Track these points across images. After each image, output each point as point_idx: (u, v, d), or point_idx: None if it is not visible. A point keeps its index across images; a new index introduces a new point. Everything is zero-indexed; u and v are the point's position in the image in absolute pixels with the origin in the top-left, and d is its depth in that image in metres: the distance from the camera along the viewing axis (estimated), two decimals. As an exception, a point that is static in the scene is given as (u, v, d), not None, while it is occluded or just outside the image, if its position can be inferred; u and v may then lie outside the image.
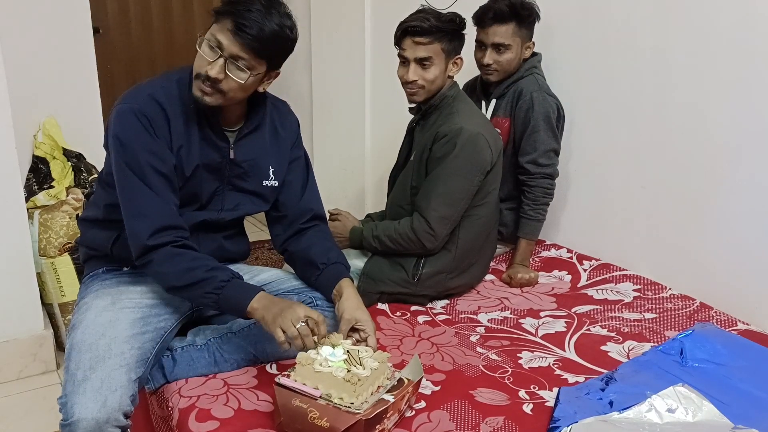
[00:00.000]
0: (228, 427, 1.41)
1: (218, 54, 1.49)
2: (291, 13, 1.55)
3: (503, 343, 1.81)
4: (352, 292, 1.65)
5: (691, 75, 1.98)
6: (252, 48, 1.48)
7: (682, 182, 2.05)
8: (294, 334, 1.42)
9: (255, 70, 1.52)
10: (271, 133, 1.72)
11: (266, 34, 1.47)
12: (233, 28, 1.47)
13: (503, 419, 1.46)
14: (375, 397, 1.35)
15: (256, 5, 1.47)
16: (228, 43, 1.48)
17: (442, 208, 1.94)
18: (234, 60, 1.49)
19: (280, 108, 1.78)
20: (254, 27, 1.46)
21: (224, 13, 1.49)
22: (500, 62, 2.21)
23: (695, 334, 1.74)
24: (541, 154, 2.20)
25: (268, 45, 1.49)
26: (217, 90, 1.52)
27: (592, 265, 2.24)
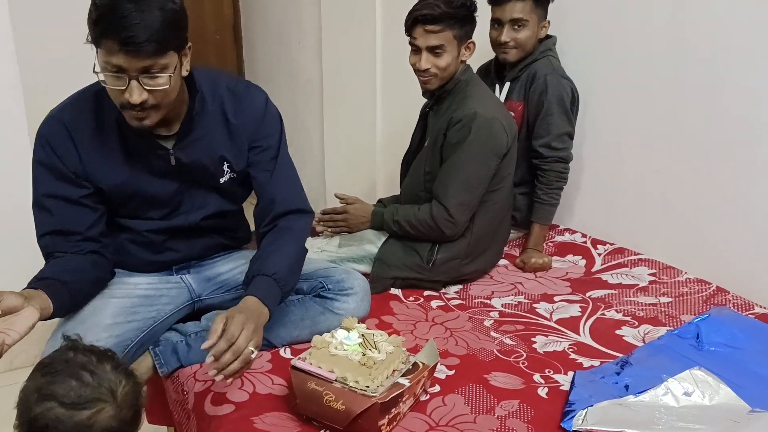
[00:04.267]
0: (243, 410, 1.42)
1: (125, 78, 1.34)
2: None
3: (517, 328, 1.80)
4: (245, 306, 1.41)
5: (707, 56, 1.95)
6: (152, 51, 1.32)
7: (698, 165, 2.03)
8: None
9: (169, 66, 1.37)
10: (220, 124, 1.58)
11: (155, 29, 1.30)
12: (120, 46, 1.29)
13: (518, 403, 1.46)
14: (390, 380, 1.35)
15: (124, 6, 1.29)
16: (127, 63, 1.31)
17: (460, 194, 1.93)
18: (144, 73, 1.34)
19: (237, 93, 1.61)
20: (139, 31, 1.29)
21: (101, 35, 1.30)
22: (518, 39, 2.18)
23: (711, 318, 1.73)
24: (555, 138, 2.18)
25: (164, 35, 1.32)
26: (149, 109, 1.39)
27: (606, 250, 2.23)
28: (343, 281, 1.72)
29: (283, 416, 1.40)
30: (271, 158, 1.64)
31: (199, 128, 1.55)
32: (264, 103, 1.64)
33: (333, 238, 2.16)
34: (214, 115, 1.57)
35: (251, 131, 1.61)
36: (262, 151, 1.63)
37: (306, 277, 1.73)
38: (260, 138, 1.63)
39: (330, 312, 1.67)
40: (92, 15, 1.31)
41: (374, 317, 1.81)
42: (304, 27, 3.53)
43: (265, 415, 1.40)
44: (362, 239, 2.09)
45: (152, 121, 1.42)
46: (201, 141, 1.56)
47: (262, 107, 1.64)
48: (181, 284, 1.72)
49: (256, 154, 1.63)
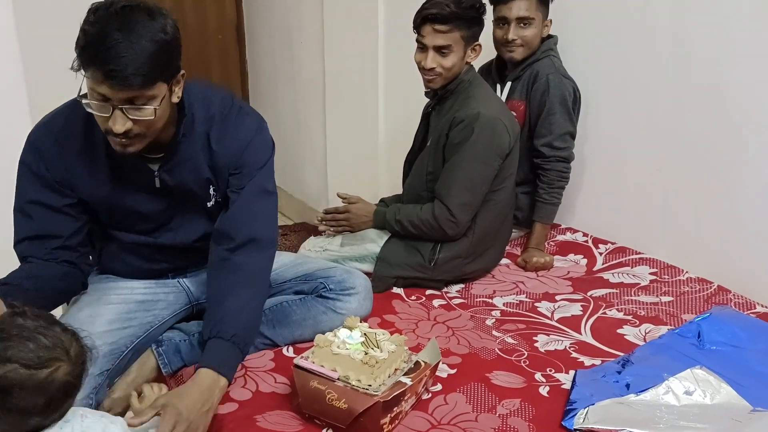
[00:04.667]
0: (246, 408, 1.43)
1: (110, 106, 1.30)
2: (153, 6, 1.33)
3: (519, 327, 1.81)
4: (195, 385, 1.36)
5: (709, 56, 1.95)
6: (138, 84, 1.27)
7: (699, 165, 2.03)
8: None
9: (156, 97, 1.32)
10: (204, 148, 1.52)
11: (142, 61, 1.25)
12: (104, 78, 1.25)
13: (519, 402, 1.47)
14: (392, 379, 1.36)
15: (113, 36, 1.24)
16: (111, 93, 1.27)
17: (463, 194, 1.93)
18: (129, 103, 1.30)
19: (226, 119, 1.53)
20: (125, 64, 1.24)
21: (87, 63, 1.27)
22: (525, 37, 2.18)
23: (713, 317, 1.73)
24: (557, 137, 2.18)
25: (151, 68, 1.28)
26: (134, 137, 1.35)
27: (608, 249, 2.23)
28: (345, 281, 1.72)
29: (285, 415, 1.41)
30: (242, 186, 1.54)
31: (184, 151, 1.50)
32: (252, 133, 1.55)
33: (335, 237, 2.17)
34: (200, 139, 1.51)
35: (232, 160, 1.53)
36: (238, 177, 1.54)
37: (306, 277, 1.74)
38: (240, 167, 1.54)
39: (332, 311, 1.68)
40: (80, 41, 1.27)
41: (376, 316, 1.82)
42: (307, 26, 3.53)
43: (268, 413, 1.41)
44: (364, 238, 2.09)
45: (137, 148, 1.38)
46: (186, 164, 1.51)
47: (248, 138, 1.54)
48: (178, 288, 1.71)
49: (233, 180, 1.55)
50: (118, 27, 1.25)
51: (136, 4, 1.30)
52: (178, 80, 1.39)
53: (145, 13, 1.30)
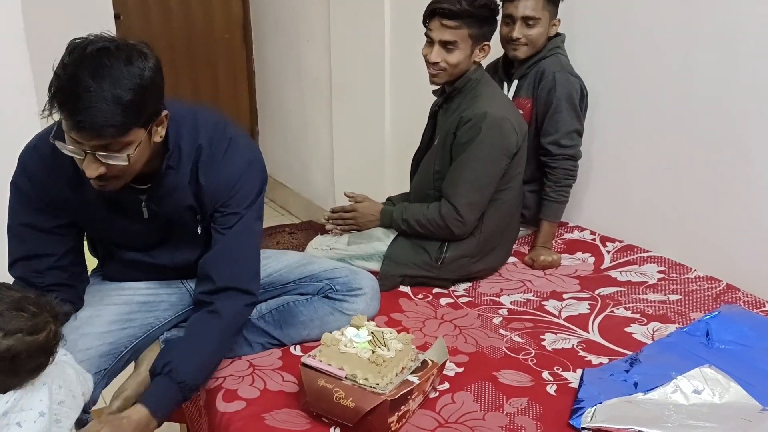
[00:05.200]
0: (254, 407, 1.43)
1: (82, 151, 1.24)
2: (132, 47, 1.24)
3: (526, 325, 1.80)
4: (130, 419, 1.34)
5: (716, 54, 1.94)
6: (110, 134, 1.21)
7: (707, 162, 2.02)
8: None
9: (132, 143, 1.26)
10: (191, 182, 1.47)
11: (114, 111, 1.19)
12: (73, 127, 1.20)
13: (527, 400, 1.47)
14: (399, 378, 1.36)
15: (84, 83, 1.17)
16: (82, 139, 1.22)
17: (470, 194, 1.93)
18: (102, 149, 1.24)
19: (214, 152, 1.46)
20: (94, 116, 1.18)
21: (57, 109, 1.21)
22: (529, 36, 2.17)
23: (721, 316, 1.73)
24: (564, 135, 2.18)
25: (125, 118, 1.21)
26: (110, 180, 1.30)
27: (615, 247, 2.22)
28: (351, 282, 1.71)
29: (293, 413, 1.42)
30: (227, 226, 1.48)
31: (170, 183, 1.45)
32: (241, 170, 1.48)
33: (342, 235, 2.17)
34: (187, 172, 1.45)
35: (218, 197, 1.47)
36: (224, 216, 1.49)
37: (311, 278, 1.72)
38: (226, 205, 1.48)
39: (339, 312, 1.67)
40: (51, 85, 1.21)
41: (383, 315, 1.82)
42: (313, 25, 3.54)
43: (276, 411, 1.42)
44: (371, 237, 2.09)
45: (114, 188, 1.33)
46: (173, 196, 1.46)
47: (236, 175, 1.47)
48: (182, 289, 1.70)
49: (218, 218, 1.50)
50: (90, 74, 1.18)
51: (115, 46, 1.23)
52: (161, 121, 1.33)
53: (122, 57, 1.21)
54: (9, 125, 2.22)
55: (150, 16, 3.88)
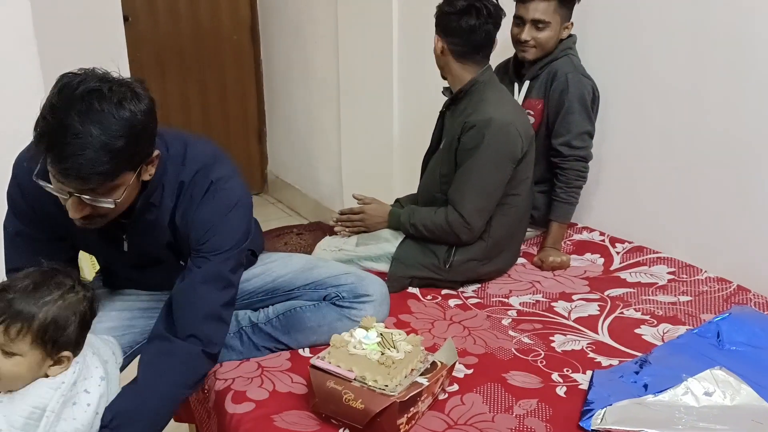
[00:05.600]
0: (263, 408, 1.44)
1: (67, 192, 1.20)
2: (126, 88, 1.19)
3: (535, 327, 1.80)
4: None
5: (728, 54, 1.93)
6: (94, 182, 1.17)
7: (717, 163, 2.00)
8: None
9: (119, 187, 1.22)
10: (170, 222, 1.42)
11: (102, 160, 1.14)
12: (59, 173, 1.16)
13: (536, 402, 1.46)
14: (409, 379, 1.36)
15: (71, 130, 1.12)
16: (69, 185, 1.18)
17: (476, 200, 1.92)
18: (88, 193, 1.20)
19: (195, 195, 1.38)
20: (80, 165, 1.13)
21: (42, 151, 1.17)
22: (538, 39, 2.17)
23: (732, 317, 1.71)
24: (575, 136, 2.17)
25: (114, 165, 1.17)
26: (95, 219, 1.27)
27: (625, 248, 2.21)
28: (357, 288, 1.69)
29: (302, 414, 1.42)
30: (196, 265, 1.39)
31: (150, 219, 1.40)
32: (217, 216, 1.38)
33: (350, 236, 2.17)
34: (168, 209, 1.40)
35: (191, 240, 1.40)
36: (194, 258, 1.40)
37: (316, 285, 1.70)
38: (198, 249, 1.39)
39: (347, 319, 1.65)
40: (38, 126, 1.16)
41: (392, 316, 1.81)
42: (321, 25, 3.54)
43: (285, 413, 1.42)
44: (379, 238, 2.09)
45: (97, 225, 1.30)
46: (152, 232, 1.42)
47: (210, 222, 1.38)
48: None
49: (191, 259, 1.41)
50: (79, 118, 1.13)
51: (108, 87, 1.17)
52: (152, 161, 1.29)
53: (113, 101, 1.16)
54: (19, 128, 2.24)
55: (158, 18, 3.89)
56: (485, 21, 1.91)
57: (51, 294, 1.18)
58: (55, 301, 1.17)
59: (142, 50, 3.74)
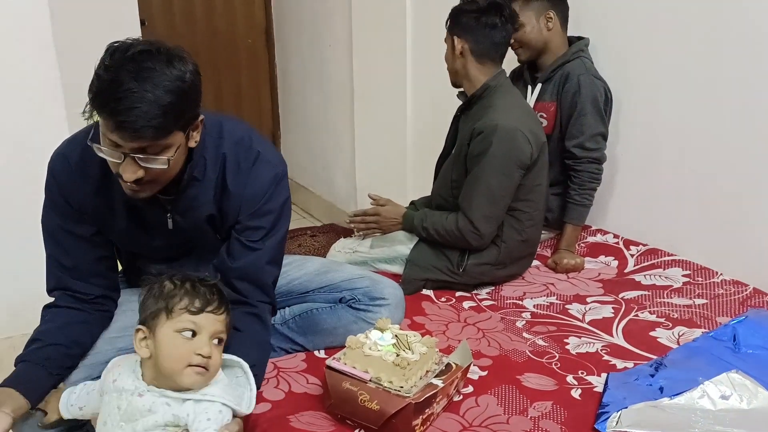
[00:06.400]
0: (279, 409, 1.45)
1: (121, 154, 1.24)
2: (172, 50, 1.24)
3: (550, 329, 1.80)
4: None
5: (743, 54, 1.92)
6: (150, 136, 1.21)
7: (733, 165, 1.99)
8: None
9: (171, 147, 1.27)
10: (216, 190, 1.45)
11: (155, 113, 1.19)
12: (115, 128, 1.20)
13: (551, 404, 1.46)
14: (424, 381, 1.36)
15: (126, 85, 1.18)
16: (122, 142, 1.22)
17: (484, 207, 1.92)
18: (141, 152, 1.24)
19: (242, 162, 1.45)
20: (136, 116, 1.18)
21: (98, 109, 1.22)
22: (520, 40, 2.21)
23: (749, 320, 1.70)
24: (588, 138, 2.17)
25: (166, 120, 1.22)
26: (145, 185, 1.30)
27: (639, 251, 2.21)
28: (372, 291, 1.69)
29: (318, 415, 1.43)
30: (256, 239, 1.48)
31: (194, 193, 1.44)
32: (269, 184, 1.47)
33: (365, 239, 2.18)
34: (211, 181, 1.44)
35: (244, 207, 1.46)
36: (251, 229, 1.47)
37: (331, 288, 1.71)
38: (254, 217, 1.47)
39: (363, 321, 1.65)
40: (93, 86, 1.21)
41: (406, 318, 1.82)
42: (335, 30, 3.55)
43: (301, 414, 1.43)
44: (394, 240, 2.10)
45: (148, 194, 1.33)
46: (197, 206, 1.46)
47: (265, 189, 1.46)
48: None
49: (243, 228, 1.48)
50: (133, 75, 1.18)
51: (156, 48, 1.23)
52: (197, 125, 1.34)
53: (163, 60, 1.22)
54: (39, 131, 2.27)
55: (174, 22, 3.93)
56: (506, 20, 1.94)
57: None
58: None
59: (158, 54, 3.76)
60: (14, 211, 2.24)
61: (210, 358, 1.23)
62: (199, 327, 1.23)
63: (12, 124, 2.27)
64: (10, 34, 2.22)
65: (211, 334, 1.24)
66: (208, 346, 1.23)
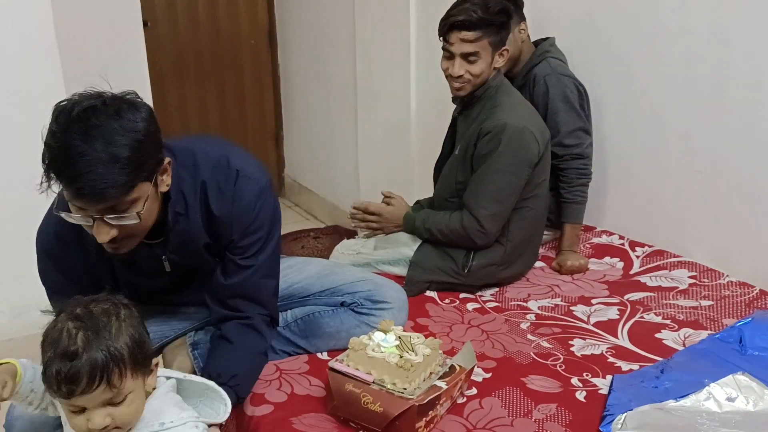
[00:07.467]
0: (282, 411, 1.44)
1: (89, 217, 1.20)
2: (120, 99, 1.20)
3: (554, 331, 1.79)
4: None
5: (749, 54, 1.91)
6: (114, 195, 1.17)
7: (740, 165, 1.98)
8: None
9: (139, 199, 1.22)
10: (203, 217, 1.42)
11: (113, 172, 1.14)
12: (75, 195, 1.16)
13: (556, 406, 1.45)
14: (427, 383, 1.36)
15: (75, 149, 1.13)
16: (86, 206, 1.18)
17: (491, 205, 1.91)
18: (110, 212, 1.19)
19: (222, 185, 1.41)
20: (93, 181, 1.13)
21: (54, 178, 1.17)
22: None
23: (755, 322, 1.69)
24: (566, 135, 2.16)
25: (127, 175, 1.16)
26: (122, 241, 1.27)
27: (645, 252, 2.20)
28: (374, 295, 1.69)
29: (320, 417, 1.42)
30: (248, 255, 1.46)
31: (183, 229, 1.41)
32: (254, 199, 1.43)
33: (368, 240, 2.17)
34: (197, 212, 1.41)
35: (235, 227, 1.43)
36: (241, 247, 1.46)
37: (332, 292, 1.70)
38: (246, 234, 1.45)
39: (366, 325, 1.64)
40: (44, 156, 1.17)
41: (410, 319, 1.81)
42: (338, 30, 3.55)
43: (303, 416, 1.42)
44: (397, 242, 2.09)
45: (129, 248, 1.30)
46: (190, 240, 1.43)
47: (251, 205, 1.43)
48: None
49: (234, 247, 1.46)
50: (81, 137, 1.14)
51: (101, 102, 1.18)
52: (164, 169, 1.29)
53: (110, 113, 1.17)
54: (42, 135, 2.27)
55: (177, 23, 3.92)
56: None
57: (110, 323, 1.11)
58: (120, 326, 1.12)
59: (161, 55, 3.77)
60: (16, 213, 2.24)
61: (108, 426, 1.11)
62: (80, 406, 1.11)
63: (15, 127, 2.27)
64: (14, 36, 2.22)
65: (98, 405, 1.11)
66: (98, 417, 1.10)
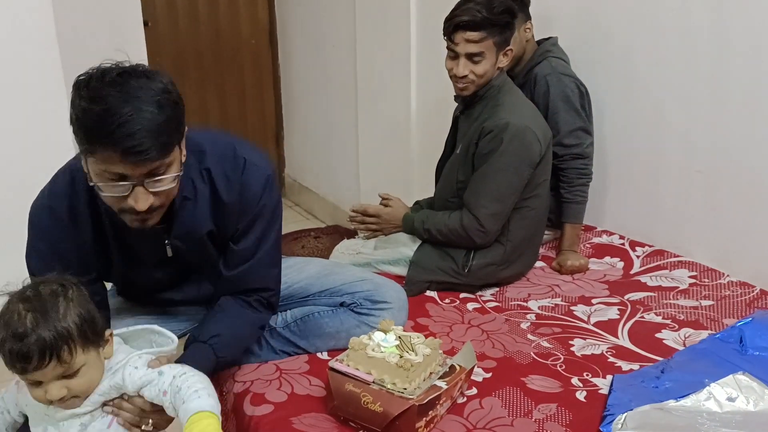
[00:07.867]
0: (282, 410, 1.44)
1: (129, 185, 1.20)
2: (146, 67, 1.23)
3: (555, 331, 1.79)
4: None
5: (750, 53, 1.91)
6: (158, 155, 1.18)
7: (740, 165, 1.98)
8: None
9: (174, 163, 1.24)
10: (211, 204, 1.43)
11: (159, 130, 1.16)
12: (122, 157, 1.15)
13: (556, 406, 1.45)
14: (427, 383, 1.36)
15: (121, 111, 1.14)
16: (130, 170, 1.18)
17: (492, 204, 1.91)
18: (150, 177, 1.21)
19: (230, 173, 1.42)
20: (143, 138, 1.14)
21: (96, 145, 1.16)
22: None
23: (755, 322, 1.69)
24: (566, 135, 2.16)
25: (168, 134, 1.19)
26: (154, 211, 1.27)
27: (645, 252, 2.19)
28: (374, 295, 1.69)
29: (320, 417, 1.42)
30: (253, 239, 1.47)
31: (189, 214, 1.41)
32: (262, 187, 1.45)
33: (369, 240, 2.17)
34: (204, 198, 1.42)
35: (243, 215, 1.45)
36: (245, 233, 1.47)
37: (332, 292, 1.70)
38: (253, 221, 1.46)
39: (366, 326, 1.64)
40: (84, 122, 1.15)
41: (410, 319, 1.81)
42: (339, 30, 3.55)
43: (303, 415, 1.42)
44: (397, 242, 2.09)
45: (155, 221, 1.31)
46: (194, 226, 1.43)
47: (259, 193, 1.44)
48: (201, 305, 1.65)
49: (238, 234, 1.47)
50: (122, 99, 1.14)
51: (131, 68, 1.20)
52: (183, 136, 1.30)
53: (143, 76, 1.19)
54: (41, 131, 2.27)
55: (178, 23, 3.92)
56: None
57: (58, 303, 1.14)
58: (67, 306, 1.14)
59: (161, 54, 3.77)
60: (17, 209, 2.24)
61: (64, 397, 1.15)
62: (35, 380, 1.14)
63: (15, 127, 2.27)
64: (14, 35, 2.22)
65: (52, 379, 1.13)
66: (54, 389, 1.13)
